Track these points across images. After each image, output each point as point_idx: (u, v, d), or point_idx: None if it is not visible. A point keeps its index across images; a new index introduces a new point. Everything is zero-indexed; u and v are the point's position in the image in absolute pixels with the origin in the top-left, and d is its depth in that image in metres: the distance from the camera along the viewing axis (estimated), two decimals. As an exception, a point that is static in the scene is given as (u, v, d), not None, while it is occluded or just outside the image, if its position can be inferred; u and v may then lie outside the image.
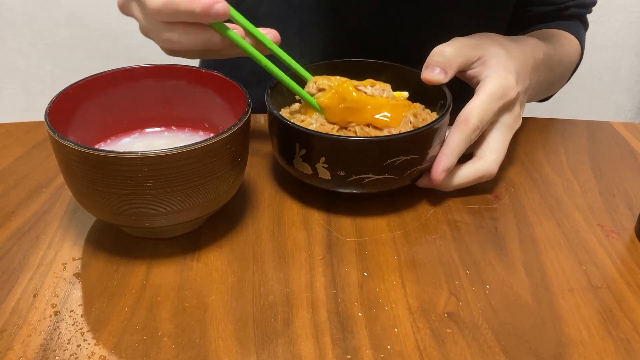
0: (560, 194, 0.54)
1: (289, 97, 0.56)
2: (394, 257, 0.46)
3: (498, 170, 0.57)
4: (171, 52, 0.51)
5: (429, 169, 0.50)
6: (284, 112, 0.55)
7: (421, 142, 0.47)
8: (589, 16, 0.79)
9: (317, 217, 0.50)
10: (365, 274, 0.44)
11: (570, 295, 0.43)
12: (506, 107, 0.53)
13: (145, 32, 0.51)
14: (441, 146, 0.50)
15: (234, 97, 0.48)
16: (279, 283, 0.43)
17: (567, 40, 0.70)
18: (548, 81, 0.65)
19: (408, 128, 0.50)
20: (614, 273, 0.45)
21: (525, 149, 0.62)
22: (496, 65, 0.52)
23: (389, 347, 0.38)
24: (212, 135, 0.44)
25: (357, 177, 0.47)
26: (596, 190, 0.55)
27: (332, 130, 0.50)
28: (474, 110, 0.50)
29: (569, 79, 0.76)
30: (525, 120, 0.67)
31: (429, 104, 0.54)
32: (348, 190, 0.50)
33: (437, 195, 0.53)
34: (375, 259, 0.46)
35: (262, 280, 0.43)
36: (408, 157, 0.47)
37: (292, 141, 0.48)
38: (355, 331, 0.39)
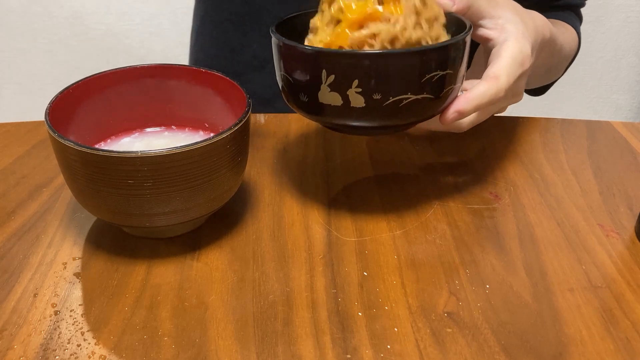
0: (560, 193, 0.54)
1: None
2: (394, 256, 0.46)
3: (498, 170, 0.57)
4: None
5: (456, 94, 0.47)
6: None
7: (456, 53, 0.44)
8: (588, 16, 0.79)
9: (317, 217, 0.50)
10: (365, 273, 0.44)
11: (570, 295, 0.43)
12: (522, 76, 0.51)
13: None
14: (466, 72, 0.47)
15: (234, 97, 0.48)
16: (279, 282, 0.43)
17: (565, 28, 0.70)
18: (546, 66, 0.64)
19: (413, 15, 0.45)
20: (614, 273, 0.45)
21: (525, 149, 0.62)
22: (514, 30, 0.50)
23: (388, 346, 0.38)
24: (212, 135, 0.44)
25: (394, 99, 0.43)
26: (596, 190, 0.55)
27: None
28: (503, 69, 0.48)
29: (565, 70, 0.75)
30: (525, 120, 0.67)
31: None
32: (380, 123, 0.45)
33: (437, 195, 0.53)
34: (375, 259, 0.46)
35: (262, 279, 0.43)
36: (445, 72, 0.43)
37: (316, 70, 0.43)
38: (355, 331, 0.39)
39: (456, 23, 0.50)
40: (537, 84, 0.73)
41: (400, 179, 0.55)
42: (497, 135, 0.64)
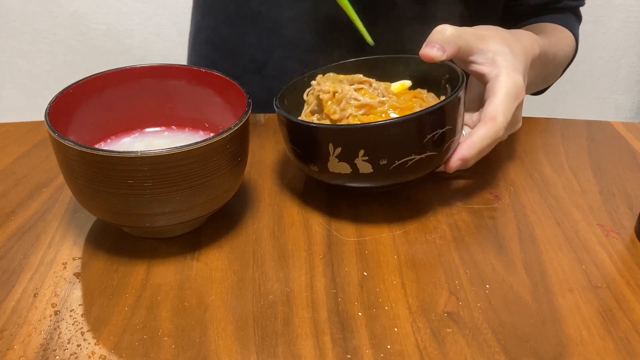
0: (560, 193, 0.54)
1: (294, 106, 0.54)
2: (394, 256, 0.46)
3: (498, 170, 0.57)
4: None
5: (456, 144, 0.49)
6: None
7: (452, 110, 0.47)
8: (588, 15, 0.79)
9: (317, 217, 0.50)
10: (365, 273, 0.44)
11: (570, 295, 0.43)
12: (518, 108, 0.52)
13: None
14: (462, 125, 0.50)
15: (234, 97, 0.48)
16: (279, 282, 0.43)
17: (562, 34, 0.70)
18: (540, 77, 0.65)
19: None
20: (614, 273, 0.45)
21: (525, 149, 0.62)
22: (505, 63, 0.52)
23: (388, 346, 0.38)
24: (212, 135, 0.44)
25: (399, 162, 0.46)
26: (596, 190, 0.55)
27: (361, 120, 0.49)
28: (499, 107, 0.50)
29: (563, 72, 0.76)
30: (525, 120, 0.67)
31: (434, 87, 0.54)
32: (390, 182, 0.48)
33: (437, 195, 0.53)
34: (375, 259, 0.46)
35: (262, 279, 0.43)
36: (444, 129, 0.46)
37: (324, 143, 0.46)
38: (355, 331, 0.39)
39: (448, 70, 0.52)
40: (534, 90, 0.74)
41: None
42: (497, 135, 0.64)
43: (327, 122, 0.50)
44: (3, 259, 0.45)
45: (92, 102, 0.49)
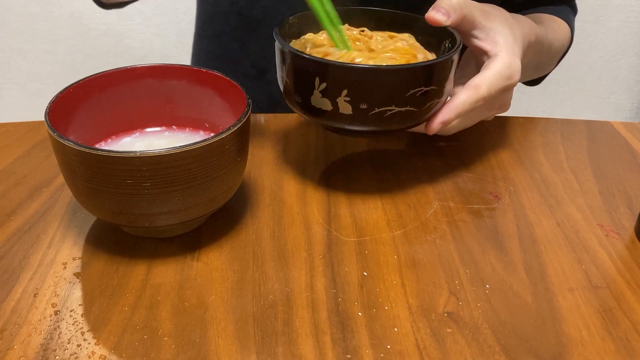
0: (560, 193, 0.54)
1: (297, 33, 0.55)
2: (394, 256, 0.46)
3: (498, 170, 0.57)
4: None
5: (440, 106, 0.50)
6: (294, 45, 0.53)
7: (441, 71, 0.47)
8: (588, 15, 0.79)
9: (317, 217, 0.50)
10: (365, 273, 0.44)
11: (570, 295, 0.43)
12: (508, 89, 0.54)
13: None
14: (451, 91, 0.50)
15: (234, 97, 0.48)
16: (279, 282, 0.43)
17: (557, 25, 0.71)
18: (533, 64, 0.65)
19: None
20: (614, 273, 0.45)
21: (525, 149, 0.62)
22: (505, 45, 0.53)
23: (389, 346, 0.38)
24: (212, 135, 0.44)
25: (379, 109, 0.46)
26: (596, 190, 0.55)
27: (353, 61, 0.49)
28: (486, 80, 0.51)
29: (558, 63, 0.76)
30: (525, 120, 0.67)
31: (435, 48, 0.55)
32: (367, 128, 0.48)
33: (437, 195, 0.53)
34: (375, 259, 0.46)
35: (262, 279, 0.43)
36: (429, 88, 0.46)
37: (311, 76, 0.46)
38: (355, 331, 0.39)
39: (450, 36, 0.53)
40: (528, 78, 0.75)
41: (400, 179, 0.55)
42: (497, 135, 0.64)
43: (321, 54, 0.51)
44: (3, 259, 0.45)
45: (92, 102, 0.49)
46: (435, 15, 0.51)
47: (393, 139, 0.62)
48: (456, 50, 0.48)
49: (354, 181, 0.55)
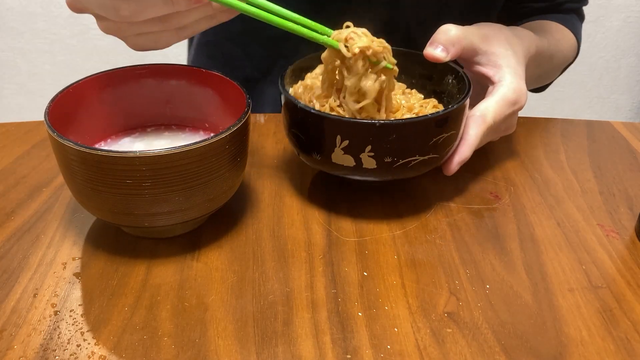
0: (560, 193, 0.54)
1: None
2: (394, 256, 0.46)
3: (498, 170, 0.57)
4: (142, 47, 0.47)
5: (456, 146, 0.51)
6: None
7: (458, 116, 0.48)
8: (588, 15, 0.79)
9: (317, 217, 0.50)
10: (365, 273, 0.44)
11: (570, 295, 0.43)
12: (514, 113, 0.54)
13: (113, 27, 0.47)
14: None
15: (234, 97, 0.48)
16: (279, 283, 0.43)
17: (562, 35, 0.70)
18: (533, 76, 0.65)
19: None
20: (614, 273, 0.45)
21: (525, 149, 0.62)
22: (508, 69, 0.53)
23: (389, 346, 0.38)
24: (211, 135, 0.44)
25: (403, 161, 0.46)
26: (596, 190, 0.55)
27: (373, 116, 0.49)
28: (490, 108, 0.51)
29: (563, 72, 0.76)
30: (525, 120, 0.67)
31: (437, 82, 0.55)
32: (391, 178, 0.49)
33: (437, 195, 0.53)
34: (375, 259, 0.46)
35: (262, 279, 0.43)
36: (448, 134, 0.47)
37: (331, 134, 0.46)
38: (355, 331, 0.39)
39: (452, 71, 0.53)
40: (530, 87, 0.74)
41: (401, 179, 0.55)
42: (497, 135, 0.64)
43: (333, 105, 0.50)
44: (3, 259, 0.45)
45: (92, 102, 0.49)
46: (434, 52, 0.51)
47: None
48: (468, 93, 0.48)
49: (354, 181, 0.55)
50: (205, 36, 0.79)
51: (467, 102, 0.48)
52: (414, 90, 0.56)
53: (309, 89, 0.52)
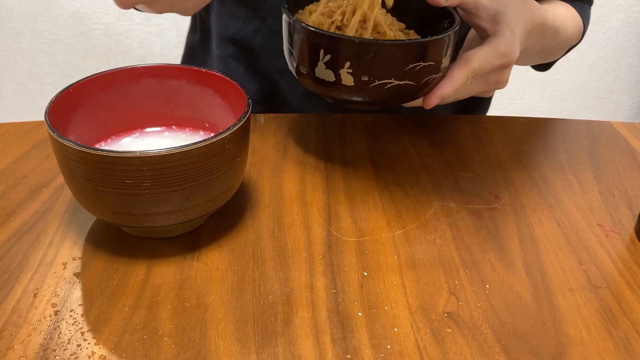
0: (560, 193, 0.54)
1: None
2: (394, 256, 0.46)
3: (498, 170, 0.57)
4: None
5: (437, 82, 0.52)
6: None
7: (438, 48, 0.49)
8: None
9: (317, 217, 0.50)
10: (365, 273, 0.44)
11: (570, 295, 0.43)
12: (504, 67, 0.54)
13: None
14: (449, 66, 0.52)
15: (234, 97, 0.48)
16: (279, 283, 0.43)
17: (569, 13, 0.70)
18: (537, 48, 0.65)
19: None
20: (614, 273, 0.45)
21: (525, 149, 0.62)
22: (503, 24, 0.53)
23: (388, 346, 0.38)
24: (212, 135, 0.44)
25: (379, 82, 0.48)
26: (596, 190, 0.55)
27: (355, 33, 0.52)
28: (477, 54, 0.52)
29: (566, 53, 0.75)
30: (525, 120, 0.67)
31: (433, 29, 0.56)
32: (367, 99, 0.50)
33: (437, 195, 0.53)
34: (375, 259, 0.46)
35: (262, 279, 0.43)
36: (426, 64, 0.48)
37: (316, 48, 0.49)
38: (355, 331, 0.39)
39: (449, 16, 0.54)
40: (532, 63, 0.75)
41: (400, 179, 0.55)
42: (497, 135, 0.64)
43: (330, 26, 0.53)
44: (3, 259, 0.45)
45: (92, 102, 0.49)
46: None
47: (393, 138, 0.62)
48: (453, 29, 0.50)
49: (354, 181, 0.55)
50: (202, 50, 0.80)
51: (450, 35, 0.49)
52: (411, 31, 0.57)
53: (308, 11, 0.55)
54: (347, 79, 0.48)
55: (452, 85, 0.51)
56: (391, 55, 0.47)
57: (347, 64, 0.48)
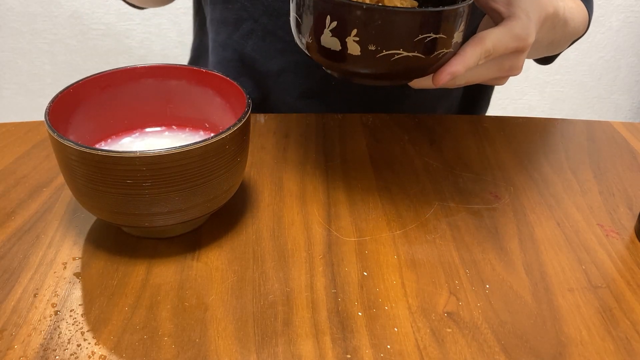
0: (560, 193, 0.54)
1: None
2: (394, 256, 0.46)
3: (498, 171, 0.57)
4: None
5: (448, 59, 0.50)
6: None
7: (451, 20, 0.47)
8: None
9: (317, 217, 0.50)
10: (365, 273, 0.44)
11: (570, 295, 0.43)
12: (518, 51, 0.53)
13: None
14: (461, 45, 0.50)
15: (234, 97, 0.48)
16: (279, 282, 0.43)
17: (576, 4, 0.70)
18: (548, 39, 0.65)
19: None
20: (614, 273, 0.45)
21: (525, 149, 0.62)
22: (518, 7, 0.52)
23: (388, 346, 0.38)
24: (211, 135, 0.44)
25: (387, 52, 0.46)
26: (596, 190, 0.55)
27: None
28: (492, 35, 0.50)
29: (570, 45, 0.75)
30: (525, 120, 0.67)
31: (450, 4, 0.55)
32: (374, 71, 0.49)
33: (437, 195, 0.53)
34: (375, 259, 0.46)
35: (262, 279, 0.43)
36: (437, 36, 0.47)
37: (322, 14, 0.47)
38: (355, 331, 0.39)
39: None
40: (540, 55, 0.74)
41: (400, 179, 0.55)
42: (497, 135, 0.64)
43: None
44: (3, 259, 0.45)
45: (92, 102, 0.49)
46: None
47: (393, 138, 0.62)
48: (467, 2, 0.48)
49: (354, 181, 0.55)
50: (201, 59, 0.80)
51: (464, 8, 0.48)
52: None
53: None
54: (354, 48, 0.46)
55: (464, 63, 0.49)
56: (400, 24, 0.45)
57: (354, 31, 0.46)
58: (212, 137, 0.41)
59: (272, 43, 0.70)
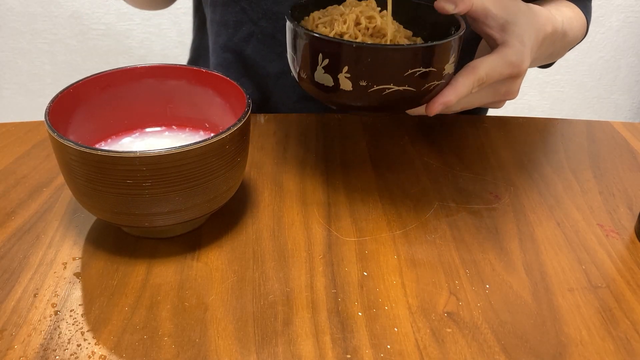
0: (560, 193, 0.54)
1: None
2: (394, 256, 0.46)
3: (498, 170, 0.57)
4: None
5: (440, 89, 0.51)
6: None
7: (440, 53, 0.48)
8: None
9: (317, 217, 0.50)
10: (365, 273, 0.44)
11: (570, 295, 0.43)
12: (513, 77, 0.53)
13: None
14: (453, 74, 0.51)
15: (234, 97, 0.48)
16: (279, 282, 0.43)
17: (574, 13, 0.70)
18: (547, 53, 0.65)
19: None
20: (614, 273, 0.45)
21: (525, 149, 0.62)
22: (513, 33, 0.53)
23: (388, 346, 0.38)
24: (211, 135, 0.44)
25: (378, 87, 0.47)
26: (596, 190, 0.55)
27: (354, 39, 0.51)
28: (484, 63, 0.51)
29: (569, 50, 0.75)
30: (525, 120, 0.67)
31: (443, 34, 0.55)
32: (367, 104, 0.50)
33: (437, 195, 0.53)
34: (375, 259, 0.46)
35: (262, 279, 0.43)
36: (427, 70, 0.48)
37: (314, 52, 0.48)
38: (355, 331, 0.39)
39: (457, 23, 0.53)
40: (539, 65, 0.74)
41: (400, 179, 0.55)
42: (497, 135, 0.64)
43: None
44: (3, 259, 0.45)
45: (92, 102, 0.49)
46: (444, 4, 0.51)
47: (393, 138, 0.62)
48: (455, 36, 0.49)
49: (354, 181, 0.55)
50: (201, 61, 0.80)
51: (454, 41, 0.48)
52: (418, 39, 0.57)
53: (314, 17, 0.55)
54: (346, 84, 0.48)
55: (456, 93, 0.50)
56: (389, 60, 0.47)
57: (345, 68, 0.47)
58: (212, 137, 0.41)
59: (271, 46, 0.70)
